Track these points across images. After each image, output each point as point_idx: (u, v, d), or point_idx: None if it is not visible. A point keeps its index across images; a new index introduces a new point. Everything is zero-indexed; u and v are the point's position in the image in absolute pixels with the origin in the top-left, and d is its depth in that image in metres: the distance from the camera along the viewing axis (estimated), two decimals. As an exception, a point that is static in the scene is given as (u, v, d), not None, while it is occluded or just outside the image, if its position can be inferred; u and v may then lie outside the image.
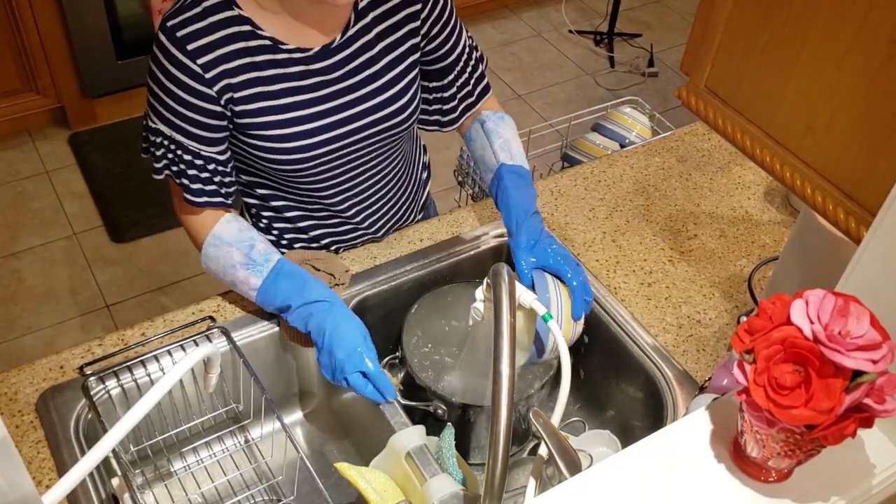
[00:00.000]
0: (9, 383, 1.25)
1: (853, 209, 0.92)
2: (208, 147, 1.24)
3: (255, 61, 1.21)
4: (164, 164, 1.26)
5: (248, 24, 1.20)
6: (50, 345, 2.53)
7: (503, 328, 0.94)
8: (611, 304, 1.42)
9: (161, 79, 1.20)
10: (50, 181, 3.07)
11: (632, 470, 0.89)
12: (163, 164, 1.26)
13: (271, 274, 1.24)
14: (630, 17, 4.12)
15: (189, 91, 1.19)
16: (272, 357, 1.37)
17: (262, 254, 1.26)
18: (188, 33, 1.17)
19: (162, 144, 1.24)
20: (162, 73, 1.19)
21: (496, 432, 0.89)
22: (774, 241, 1.56)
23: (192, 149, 1.24)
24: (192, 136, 1.23)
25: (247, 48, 1.20)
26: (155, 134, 1.24)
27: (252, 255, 1.26)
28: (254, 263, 1.25)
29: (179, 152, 1.24)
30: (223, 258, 1.27)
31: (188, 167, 1.25)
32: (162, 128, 1.23)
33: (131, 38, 3.10)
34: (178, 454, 1.33)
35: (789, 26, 0.91)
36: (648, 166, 1.71)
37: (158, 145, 1.24)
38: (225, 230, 1.28)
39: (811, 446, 0.80)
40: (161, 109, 1.21)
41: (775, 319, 0.79)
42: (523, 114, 3.53)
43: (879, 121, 0.86)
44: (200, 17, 1.17)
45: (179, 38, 1.17)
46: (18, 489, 0.59)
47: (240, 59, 1.20)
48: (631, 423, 1.41)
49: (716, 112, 1.05)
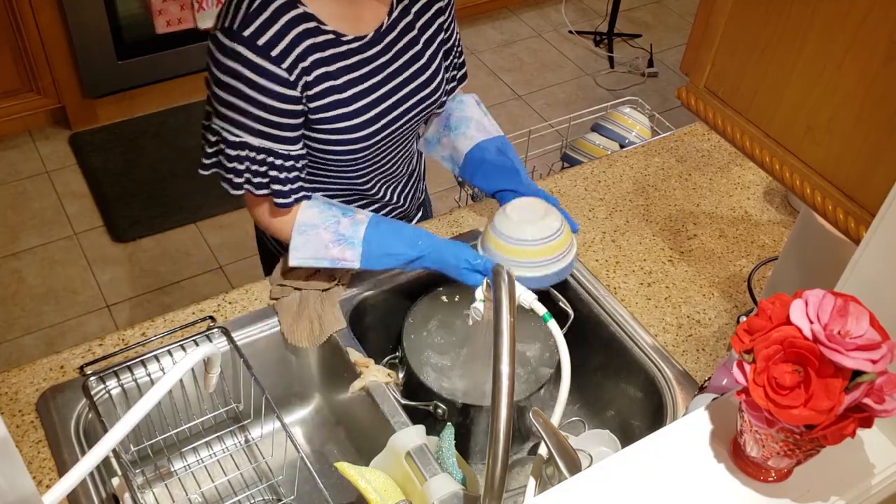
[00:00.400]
0: (9, 383, 1.25)
1: (853, 209, 0.92)
2: (295, 146, 1.25)
3: (324, 56, 1.22)
4: (247, 178, 1.24)
5: (313, 21, 1.20)
6: (50, 345, 2.53)
7: (503, 328, 0.94)
8: (611, 304, 1.42)
9: (246, 91, 1.16)
10: (50, 181, 3.07)
11: (632, 470, 0.89)
12: (244, 179, 1.24)
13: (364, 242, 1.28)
14: (630, 17, 4.12)
15: (278, 97, 1.18)
16: (272, 357, 1.37)
17: (349, 227, 1.28)
18: (268, 40, 1.15)
19: (248, 158, 1.22)
20: (247, 85, 1.16)
21: (496, 432, 0.89)
22: (774, 241, 1.56)
23: (282, 153, 1.23)
24: (283, 139, 1.22)
25: (315, 44, 1.21)
26: (240, 148, 1.21)
27: (340, 231, 1.28)
28: (344, 238, 1.27)
29: (270, 159, 1.23)
30: (313, 242, 1.28)
31: (279, 171, 1.24)
32: (250, 140, 1.20)
33: (131, 38, 3.10)
34: (178, 454, 1.33)
35: (789, 26, 0.92)
36: (648, 166, 1.71)
37: (244, 159, 1.22)
38: (308, 216, 1.29)
39: (811, 446, 0.81)
40: (249, 122, 1.19)
41: (775, 319, 0.79)
42: (523, 114, 3.53)
43: (879, 121, 0.86)
44: (273, 20, 1.16)
45: (261, 45, 1.15)
46: (19, 489, 0.60)
47: (312, 56, 1.21)
48: (631, 423, 1.41)
49: (715, 112, 1.05)
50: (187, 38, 3.19)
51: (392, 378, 1.29)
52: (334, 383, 1.38)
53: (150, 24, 3.07)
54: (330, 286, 1.38)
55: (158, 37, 3.12)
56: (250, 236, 2.94)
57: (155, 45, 3.15)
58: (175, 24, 3.11)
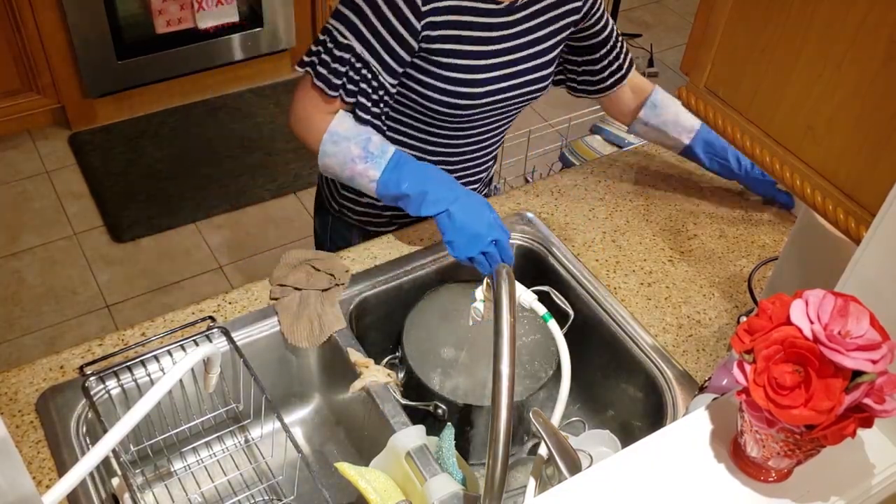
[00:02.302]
0: (9, 383, 1.25)
1: (853, 209, 0.92)
2: (391, 78, 1.30)
3: (460, 5, 1.27)
4: (342, 81, 1.29)
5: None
6: (50, 345, 2.53)
7: (503, 328, 0.94)
8: (611, 304, 1.42)
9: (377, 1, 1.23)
10: (50, 181, 3.07)
11: (632, 470, 0.89)
12: (341, 81, 1.29)
13: (389, 164, 1.31)
14: (630, 17, 4.12)
15: (401, 19, 1.24)
16: (272, 357, 1.37)
17: (378, 146, 1.32)
18: None
19: (349, 62, 1.28)
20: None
21: (496, 432, 0.89)
22: (774, 241, 1.56)
23: (374, 70, 1.28)
24: (384, 63, 1.28)
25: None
26: (345, 50, 1.27)
27: (370, 148, 1.31)
28: (372, 156, 1.31)
29: (364, 71, 1.28)
30: (342, 153, 1.32)
31: (367, 85, 1.29)
32: (356, 46, 1.26)
33: (131, 38, 3.10)
34: (178, 454, 1.33)
35: (789, 26, 0.91)
36: (648, 166, 1.71)
37: (345, 62, 1.28)
38: (341, 126, 1.33)
39: (811, 446, 0.80)
40: (362, 28, 1.25)
41: (775, 319, 0.79)
42: (523, 114, 3.52)
43: (879, 121, 0.86)
44: None
45: None
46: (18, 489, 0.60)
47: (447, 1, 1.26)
48: (631, 423, 1.41)
49: (716, 112, 1.05)
50: (187, 38, 3.19)
51: (392, 378, 1.29)
52: (334, 383, 1.38)
53: (150, 24, 3.07)
54: (330, 286, 1.38)
55: (158, 37, 3.12)
56: (251, 236, 2.94)
57: (155, 45, 3.15)
58: (175, 24, 3.11)
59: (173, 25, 3.10)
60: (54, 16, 2.91)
